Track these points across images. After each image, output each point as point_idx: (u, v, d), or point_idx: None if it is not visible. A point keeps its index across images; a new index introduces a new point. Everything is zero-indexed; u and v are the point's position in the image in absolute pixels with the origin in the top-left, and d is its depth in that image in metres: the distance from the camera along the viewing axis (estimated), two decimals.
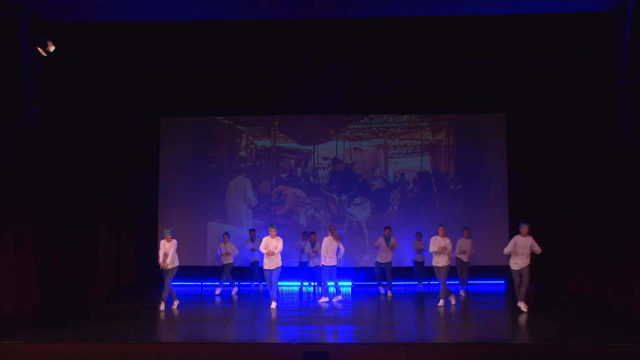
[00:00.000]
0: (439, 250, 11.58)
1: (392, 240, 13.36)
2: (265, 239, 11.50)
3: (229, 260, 13.72)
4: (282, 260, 11.52)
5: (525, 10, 10.73)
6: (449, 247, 11.66)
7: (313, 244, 13.86)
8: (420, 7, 10.62)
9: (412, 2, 10.46)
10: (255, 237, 14.17)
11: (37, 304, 11.43)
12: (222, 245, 13.84)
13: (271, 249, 11.29)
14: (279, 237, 11.47)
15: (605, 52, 10.76)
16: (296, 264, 14.51)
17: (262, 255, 11.59)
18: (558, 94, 13.66)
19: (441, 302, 11.43)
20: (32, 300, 11.27)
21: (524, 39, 12.12)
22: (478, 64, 13.83)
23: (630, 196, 10.46)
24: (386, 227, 13.52)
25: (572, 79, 13.11)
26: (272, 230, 11.45)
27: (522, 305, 10.68)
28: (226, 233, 14.07)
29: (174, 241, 11.31)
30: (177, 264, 11.33)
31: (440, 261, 11.61)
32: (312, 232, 14.20)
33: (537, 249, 10.68)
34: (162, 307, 11.15)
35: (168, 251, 11.19)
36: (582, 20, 11.01)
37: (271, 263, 11.36)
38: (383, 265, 13.36)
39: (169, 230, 11.39)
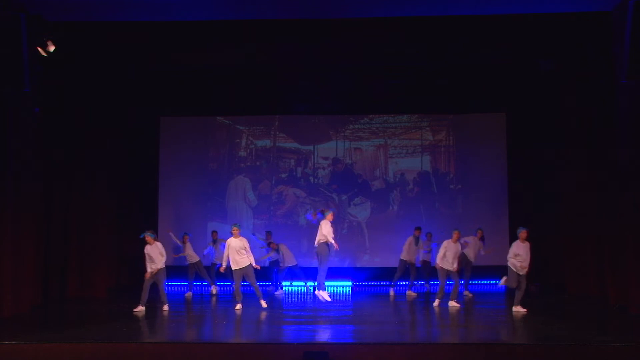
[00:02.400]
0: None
1: (421, 241, 13.35)
2: (228, 240, 11.16)
3: (194, 259, 13.36)
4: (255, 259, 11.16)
5: (525, 10, 10.73)
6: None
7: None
8: (420, 7, 10.61)
9: (412, 2, 10.46)
10: (217, 239, 13.81)
11: (37, 304, 11.42)
12: (182, 253, 13.45)
13: (236, 248, 10.91)
14: (243, 237, 11.06)
15: (605, 52, 10.75)
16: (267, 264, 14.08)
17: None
18: (558, 94, 13.66)
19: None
20: (32, 300, 11.25)
21: (524, 39, 12.12)
22: (478, 64, 13.83)
23: (631, 196, 10.46)
24: (417, 228, 13.43)
25: (572, 79, 13.11)
26: (235, 229, 11.06)
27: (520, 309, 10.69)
28: (185, 234, 13.60)
29: (158, 243, 11.05)
30: (164, 266, 11.11)
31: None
32: (268, 231, 14.22)
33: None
34: (166, 307, 11.16)
35: (153, 254, 10.99)
36: (582, 20, 11.01)
37: (235, 263, 10.99)
38: (407, 264, 13.26)
39: (150, 234, 11.05)
